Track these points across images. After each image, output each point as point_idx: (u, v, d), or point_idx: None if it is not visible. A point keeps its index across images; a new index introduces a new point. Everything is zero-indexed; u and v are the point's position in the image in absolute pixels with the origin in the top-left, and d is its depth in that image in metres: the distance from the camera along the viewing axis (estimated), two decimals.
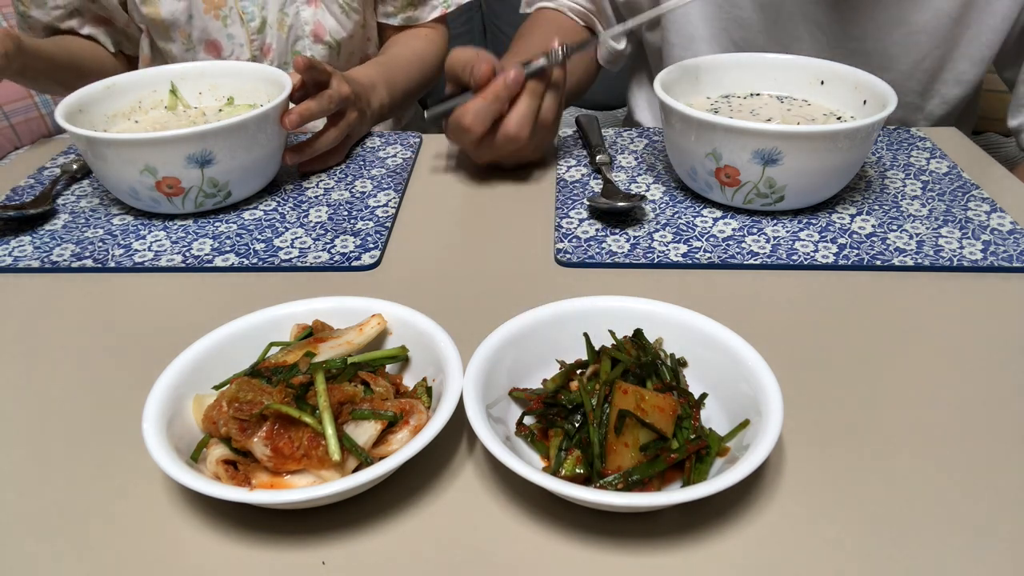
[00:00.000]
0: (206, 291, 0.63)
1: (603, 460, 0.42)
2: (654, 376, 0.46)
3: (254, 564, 0.40)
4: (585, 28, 1.06)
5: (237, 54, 1.00)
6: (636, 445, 0.42)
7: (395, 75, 0.98)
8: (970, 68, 0.92)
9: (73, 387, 0.53)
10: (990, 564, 0.39)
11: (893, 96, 0.69)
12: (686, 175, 0.74)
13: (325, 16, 1.02)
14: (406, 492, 0.44)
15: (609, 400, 0.43)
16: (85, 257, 0.67)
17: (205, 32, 0.99)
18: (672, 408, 0.43)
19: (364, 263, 0.66)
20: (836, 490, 0.44)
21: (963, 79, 0.93)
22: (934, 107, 0.96)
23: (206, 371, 0.47)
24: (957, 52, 0.91)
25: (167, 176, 0.69)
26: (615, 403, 0.43)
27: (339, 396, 0.43)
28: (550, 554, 0.40)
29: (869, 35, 0.90)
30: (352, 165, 0.83)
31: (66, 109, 0.72)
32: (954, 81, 0.94)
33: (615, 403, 0.43)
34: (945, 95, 0.95)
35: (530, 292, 0.62)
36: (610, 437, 0.42)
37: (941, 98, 0.95)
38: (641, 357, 0.47)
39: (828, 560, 0.40)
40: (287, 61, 1.03)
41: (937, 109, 0.96)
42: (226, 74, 0.83)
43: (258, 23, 0.99)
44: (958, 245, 0.66)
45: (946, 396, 0.50)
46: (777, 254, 0.65)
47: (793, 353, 0.54)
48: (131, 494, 0.44)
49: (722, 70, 0.80)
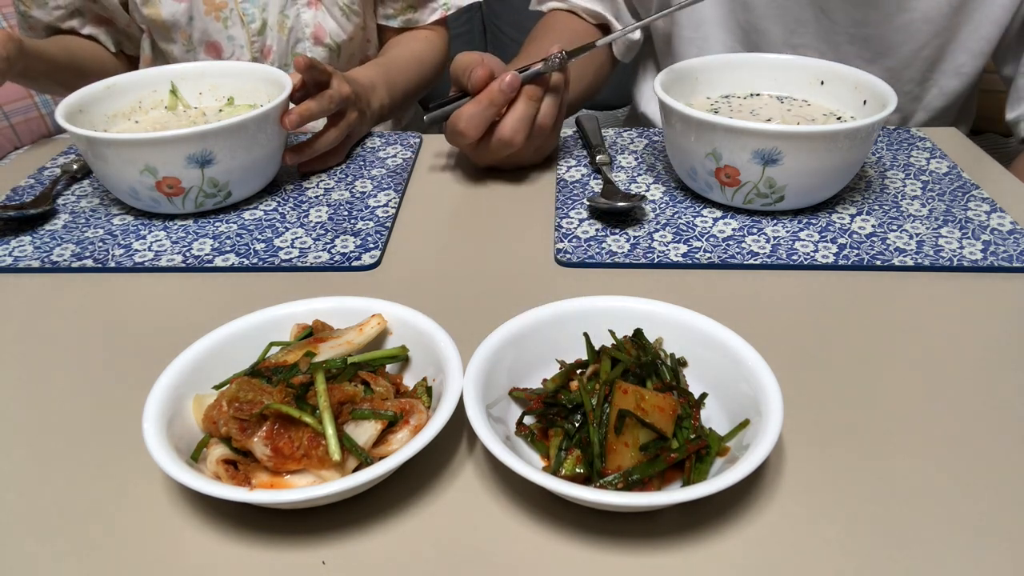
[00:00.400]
0: (206, 291, 0.63)
1: (603, 460, 0.42)
2: (654, 376, 0.46)
3: (254, 564, 0.40)
4: (597, 27, 1.06)
5: (238, 55, 1.00)
6: (636, 444, 0.42)
7: (394, 76, 0.98)
8: (969, 60, 0.93)
9: (73, 387, 0.53)
10: (990, 564, 0.39)
11: (893, 96, 0.69)
12: (686, 175, 0.74)
13: (326, 18, 1.02)
14: (406, 492, 0.44)
15: (609, 400, 0.43)
16: (85, 257, 0.67)
17: (206, 33, 0.99)
18: (672, 408, 0.43)
19: (364, 263, 0.66)
20: (836, 490, 0.44)
21: (962, 71, 0.94)
22: (932, 98, 0.97)
23: (206, 371, 0.47)
24: (957, 43, 0.92)
25: (167, 176, 0.69)
26: (615, 403, 0.43)
27: (339, 396, 0.43)
28: (550, 554, 0.40)
29: (871, 20, 0.91)
30: (352, 165, 0.83)
31: (66, 109, 0.72)
32: (953, 72, 0.95)
33: (615, 403, 0.43)
34: (944, 87, 0.96)
35: (530, 292, 0.62)
36: (610, 437, 0.42)
37: (940, 89, 0.96)
38: (641, 357, 0.47)
39: (828, 560, 0.40)
40: (287, 63, 1.03)
41: (935, 101, 0.97)
42: (226, 74, 0.83)
43: (258, 25, 0.99)
44: (958, 245, 0.66)
45: (946, 396, 0.50)
46: (777, 254, 0.65)
47: (793, 353, 0.54)
48: (131, 494, 0.44)
49: (722, 70, 0.80)
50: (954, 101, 0.97)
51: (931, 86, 0.96)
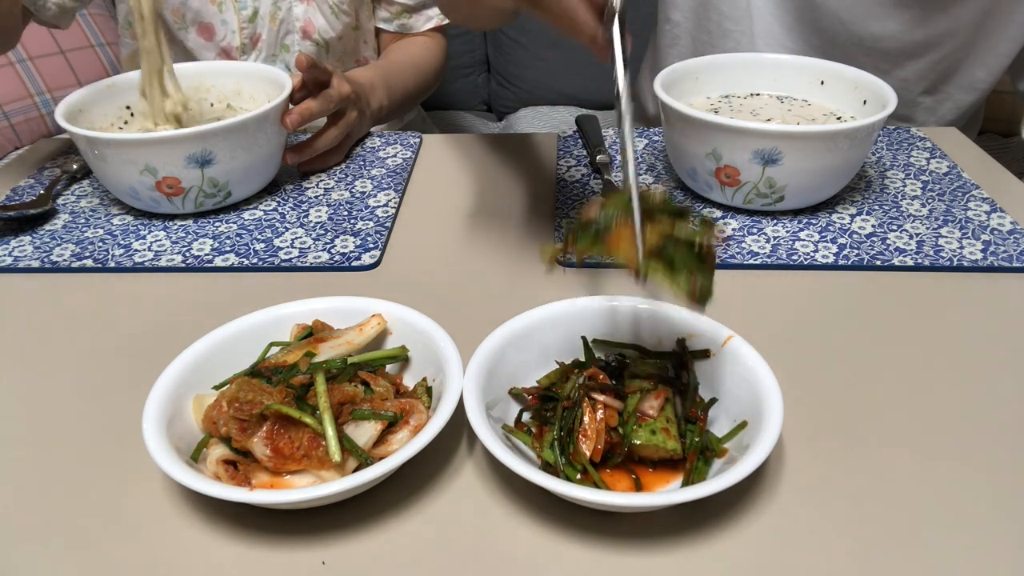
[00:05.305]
0: (206, 291, 0.63)
1: (571, 445, 0.43)
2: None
3: (254, 564, 0.40)
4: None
5: (229, 40, 1.01)
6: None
7: (393, 79, 0.99)
8: (985, 76, 0.94)
9: (73, 387, 0.53)
10: (990, 564, 0.39)
11: (893, 96, 0.69)
12: (686, 175, 0.73)
13: (316, 14, 1.03)
14: (406, 492, 0.44)
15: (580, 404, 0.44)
16: (85, 257, 0.67)
17: (199, 14, 0.99)
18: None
19: (364, 263, 0.66)
20: (836, 490, 0.44)
21: (977, 87, 0.95)
22: (946, 112, 0.98)
23: (206, 371, 0.47)
24: (974, 59, 0.92)
25: (167, 176, 0.69)
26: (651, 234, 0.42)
27: (339, 396, 0.43)
28: (550, 554, 0.40)
29: (891, 35, 0.90)
30: (352, 165, 0.83)
31: (66, 109, 0.72)
32: (969, 87, 0.95)
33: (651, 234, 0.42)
34: (959, 101, 0.96)
35: (530, 292, 0.62)
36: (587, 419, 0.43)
37: (954, 103, 0.97)
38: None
39: (828, 560, 0.40)
40: (275, 53, 1.04)
41: (949, 114, 0.98)
42: (226, 74, 0.83)
43: (250, 12, 1.00)
44: (958, 245, 0.66)
45: (946, 396, 0.50)
46: (777, 254, 0.65)
47: (793, 353, 0.54)
48: (131, 494, 0.44)
49: (722, 70, 0.80)
50: (966, 113, 0.98)
51: (946, 100, 0.96)
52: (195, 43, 1.01)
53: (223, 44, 1.01)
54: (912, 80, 0.93)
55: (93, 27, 1.57)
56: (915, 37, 0.89)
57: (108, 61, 1.57)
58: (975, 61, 0.92)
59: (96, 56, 1.56)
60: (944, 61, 0.92)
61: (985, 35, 0.90)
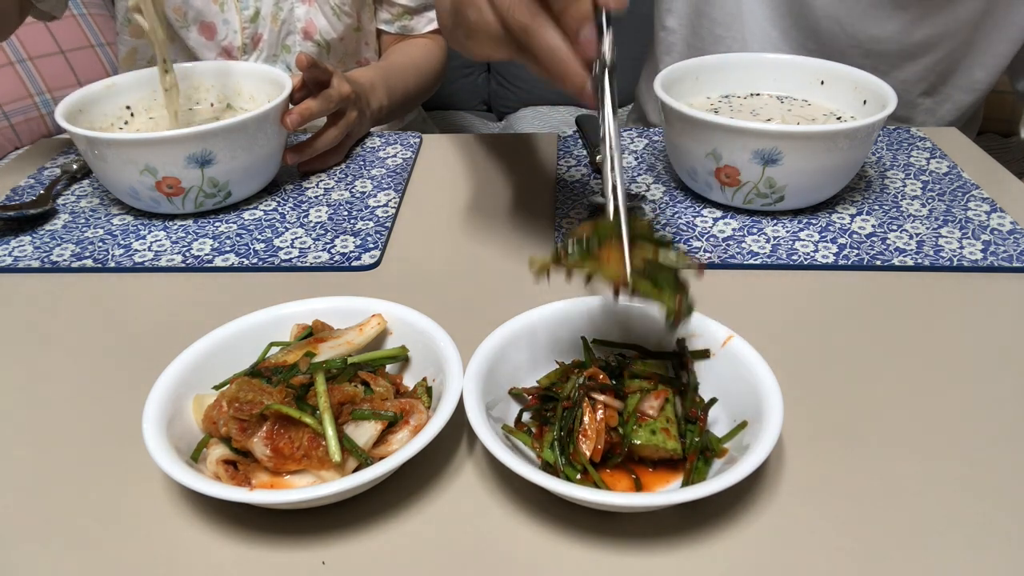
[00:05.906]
0: (206, 291, 0.63)
1: (572, 445, 0.43)
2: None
3: (254, 564, 0.40)
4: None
5: (230, 39, 1.01)
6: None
7: (393, 80, 1.00)
8: (984, 77, 0.94)
9: (73, 387, 0.53)
10: (990, 564, 0.39)
11: (893, 96, 0.69)
12: (686, 175, 0.74)
13: (317, 15, 1.03)
14: (406, 492, 0.44)
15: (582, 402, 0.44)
16: (85, 257, 0.67)
17: (201, 13, 0.99)
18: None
19: (364, 263, 0.66)
20: (836, 490, 0.44)
21: (976, 88, 0.95)
22: (946, 112, 0.98)
23: (206, 371, 0.47)
24: (972, 59, 0.92)
25: (167, 176, 0.69)
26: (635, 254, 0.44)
27: (339, 396, 0.43)
28: (550, 554, 0.40)
29: (890, 37, 0.90)
30: (352, 165, 0.83)
31: (66, 109, 0.72)
32: (968, 88, 0.95)
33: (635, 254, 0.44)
34: (958, 101, 0.96)
35: (530, 292, 0.62)
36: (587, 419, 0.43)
37: (953, 104, 0.97)
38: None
39: (828, 560, 0.40)
40: (276, 54, 1.04)
41: (948, 115, 0.98)
42: (226, 74, 0.83)
43: (251, 12, 1.00)
44: (958, 245, 0.66)
45: (946, 396, 0.50)
46: (777, 254, 0.65)
47: (793, 353, 0.54)
48: (131, 494, 0.44)
49: (722, 70, 0.80)
50: (965, 113, 0.98)
51: (945, 100, 0.96)
52: (196, 42, 1.01)
53: (224, 44, 1.01)
54: (911, 82, 0.93)
55: (93, 27, 1.57)
56: (914, 38, 0.89)
57: (108, 61, 1.57)
58: (974, 62, 0.92)
59: (96, 56, 1.56)
60: (943, 62, 0.92)
61: (983, 35, 0.90)
